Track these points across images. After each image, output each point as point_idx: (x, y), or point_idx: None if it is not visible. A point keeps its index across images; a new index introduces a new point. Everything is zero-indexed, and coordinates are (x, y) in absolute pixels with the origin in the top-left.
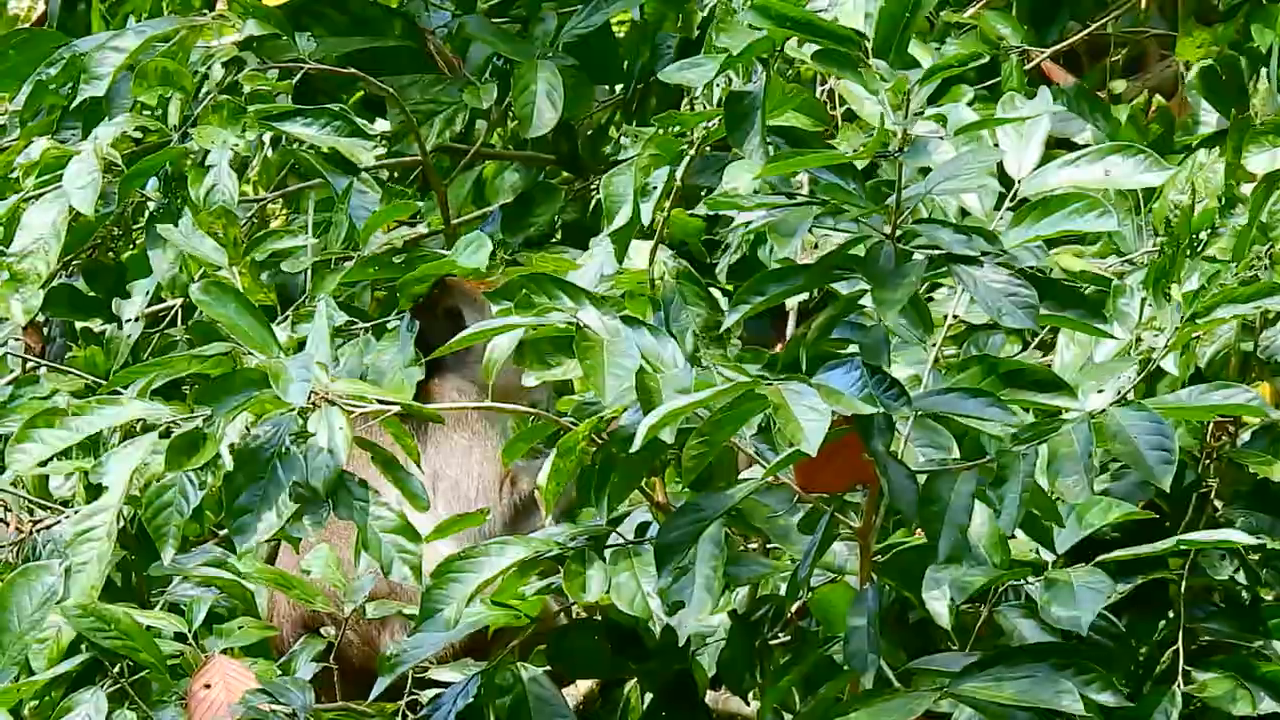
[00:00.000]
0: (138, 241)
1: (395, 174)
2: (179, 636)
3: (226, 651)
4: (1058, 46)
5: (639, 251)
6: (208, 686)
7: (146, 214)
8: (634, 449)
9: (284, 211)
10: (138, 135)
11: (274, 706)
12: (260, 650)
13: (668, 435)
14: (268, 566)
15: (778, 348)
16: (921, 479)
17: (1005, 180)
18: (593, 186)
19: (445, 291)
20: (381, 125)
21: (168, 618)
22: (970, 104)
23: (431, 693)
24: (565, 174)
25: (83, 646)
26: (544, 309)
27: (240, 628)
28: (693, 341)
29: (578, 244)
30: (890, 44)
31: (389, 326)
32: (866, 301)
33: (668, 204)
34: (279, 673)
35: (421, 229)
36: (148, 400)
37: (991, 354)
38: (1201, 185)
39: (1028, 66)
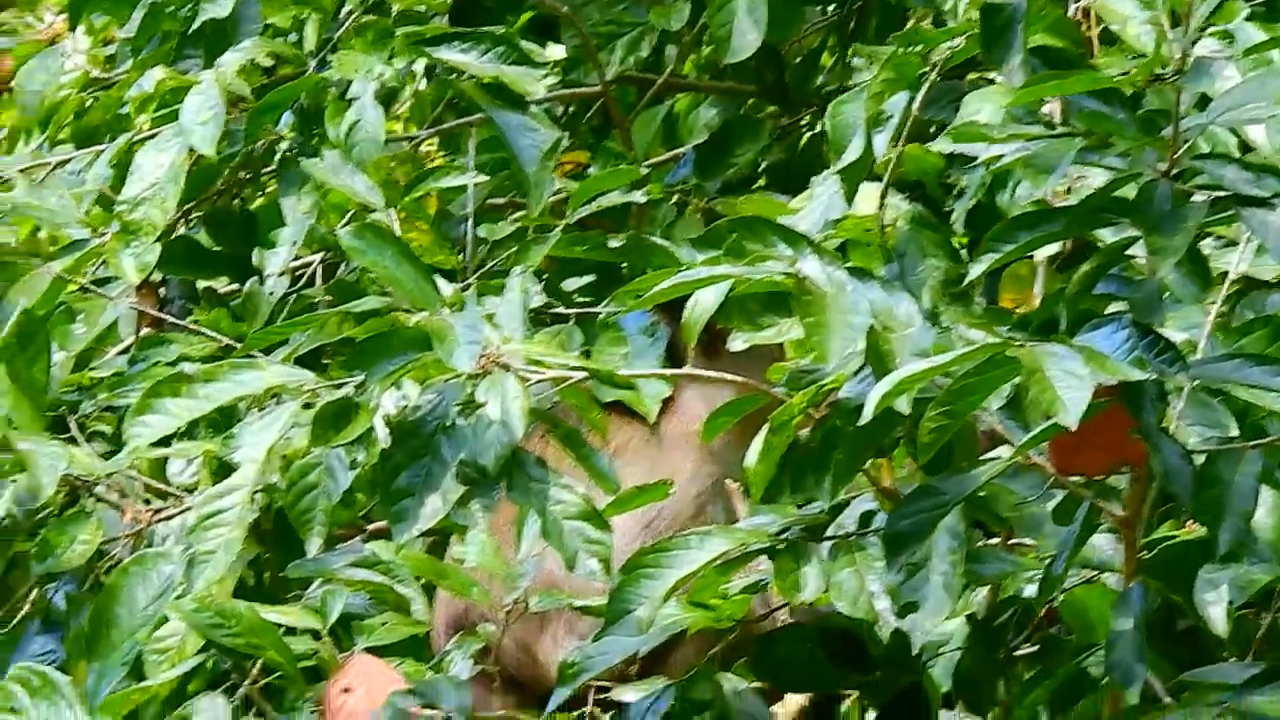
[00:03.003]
0: (268, 188)
1: (570, 108)
2: (313, 634)
3: (371, 651)
4: None
5: (864, 195)
6: (347, 690)
7: (278, 156)
8: (864, 420)
9: (440, 154)
10: (268, 64)
11: (425, 710)
12: (410, 651)
13: (903, 405)
14: (417, 554)
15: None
16: (1198, 460)
17: None
18: (802, 122)
19: None
20: (554, 51)
21: (300, 613)
22: (1248, 20)
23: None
24: (770, 108)
25: (210, 650)
26: (757, 257)
27: (384, 624)
28: (930, 298)
29: (784, 189)
30: None
31: (603, 318)
32: (1134, 251)
33: (902, 138)
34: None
35: (638, 196)
36: (290, 366)
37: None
38: None
39: None
